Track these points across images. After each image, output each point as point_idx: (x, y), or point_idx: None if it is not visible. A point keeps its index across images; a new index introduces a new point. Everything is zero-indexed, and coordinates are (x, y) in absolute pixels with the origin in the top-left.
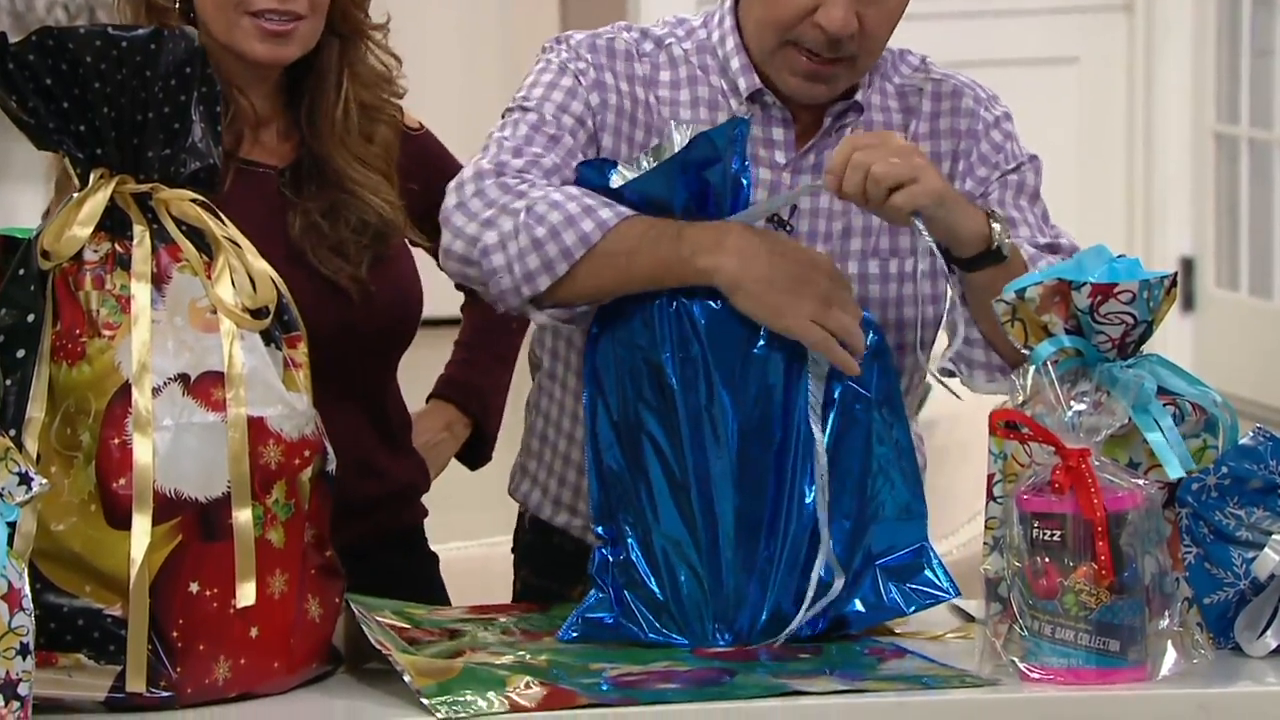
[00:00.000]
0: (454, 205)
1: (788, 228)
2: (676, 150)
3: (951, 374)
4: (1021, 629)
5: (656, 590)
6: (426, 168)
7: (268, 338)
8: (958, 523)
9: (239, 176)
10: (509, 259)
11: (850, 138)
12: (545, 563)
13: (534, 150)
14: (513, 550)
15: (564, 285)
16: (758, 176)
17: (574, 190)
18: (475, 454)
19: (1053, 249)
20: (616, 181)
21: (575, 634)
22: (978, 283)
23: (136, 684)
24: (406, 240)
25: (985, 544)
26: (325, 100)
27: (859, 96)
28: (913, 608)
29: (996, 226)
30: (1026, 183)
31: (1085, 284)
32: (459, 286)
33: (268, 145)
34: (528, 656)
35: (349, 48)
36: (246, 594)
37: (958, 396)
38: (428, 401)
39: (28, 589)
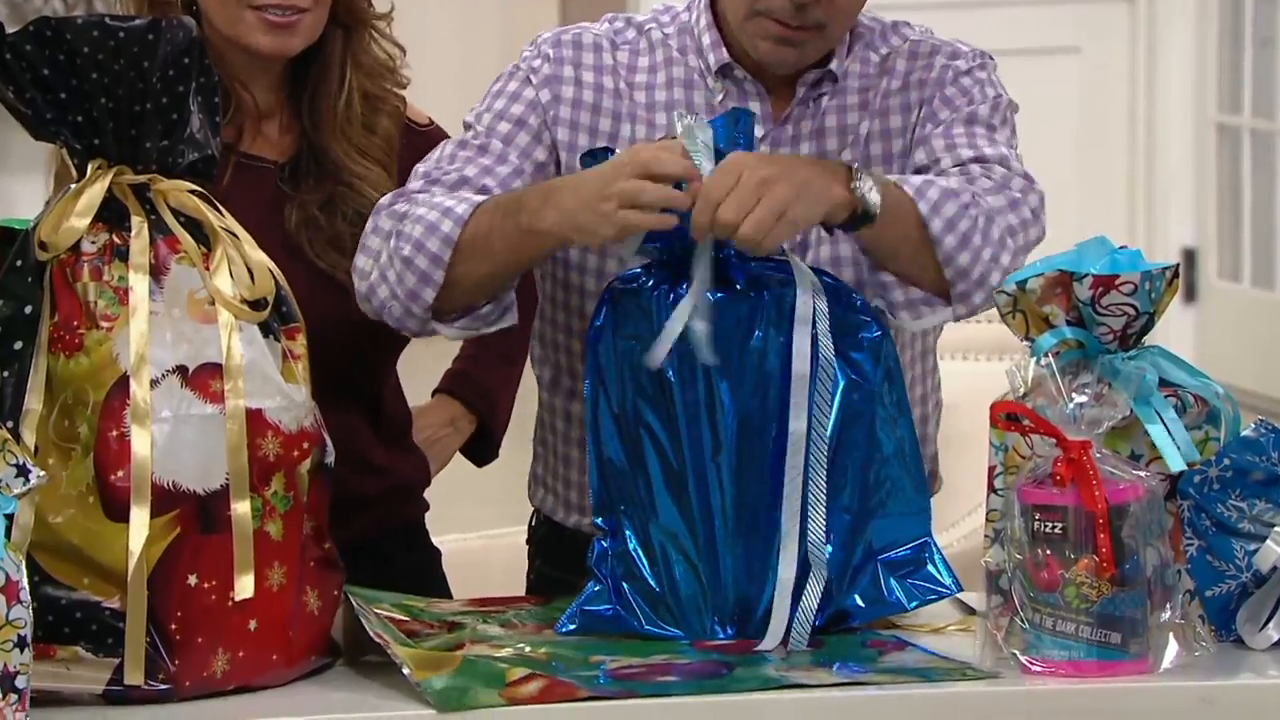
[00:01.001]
0: (359, 247)
1: None
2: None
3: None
4: (1023, 621)
5: (653, 583)
6: None
7: (266, 329)
8: (959, 515)
9: (238, 171)
10: (390, 287)
11: (702, 193)
12: (559, 554)
13: (451, 167)
14: (528, 542)
15: (450, 291)
16: None
17: (438, 197)
18: (481, 450)
19: (978, 160)
20: None
21: (573, 625)
22: (866, 238)
23: (135, 676)
24: None
25: (986, 536)
26: (328, 91)
27: (833, 66)
28: (914, 603)
29: (859, 185)
30: (978, 115)
31: (1087, 275)
32: None
33: (269, 139)
34: (527, 649)
35: (352, 38)
36: (245, 586)
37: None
38: (433, 396)
39: (25, 581)
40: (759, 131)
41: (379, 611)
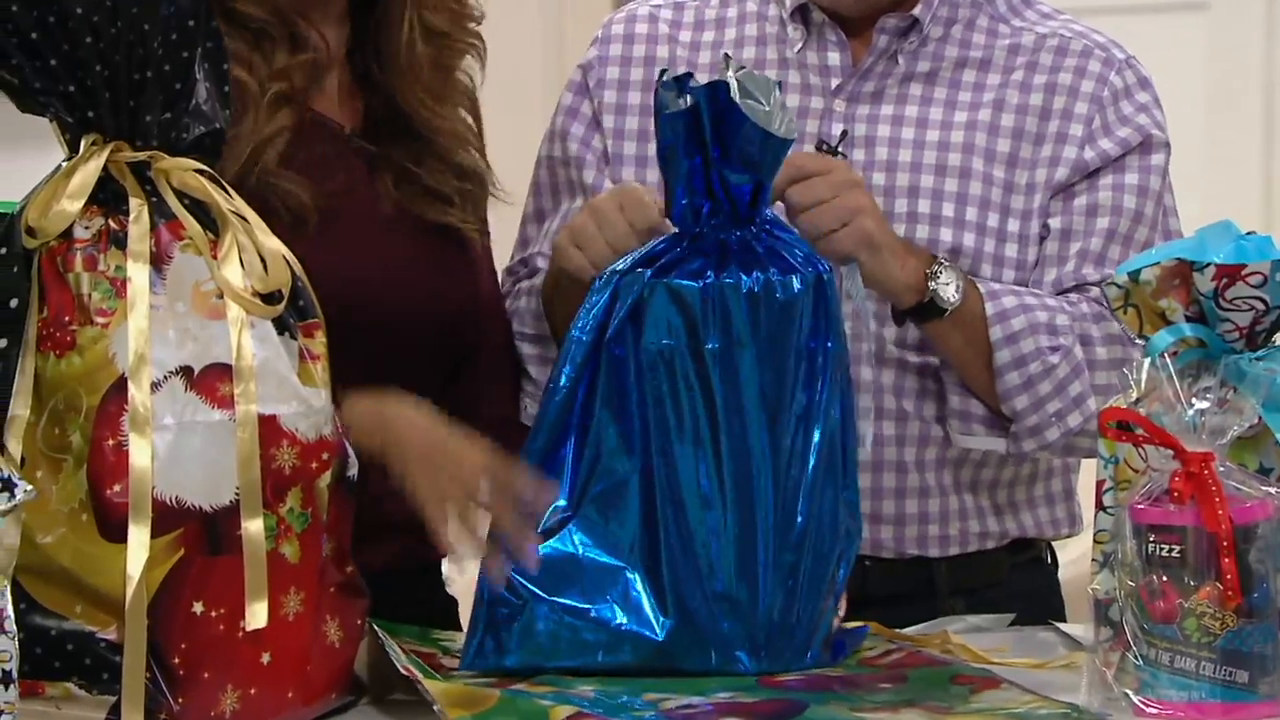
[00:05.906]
0: None
1: (840, 155)
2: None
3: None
4: (1136, 657)
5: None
6: None
7: (281, 326)
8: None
9: (313, 128)
10: None
11: (790, 161)
12: None
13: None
14: None
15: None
16: (810, 106)
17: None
18: None
19: (1079, 288)
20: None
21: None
22: (929, 335)
23: (133, 716)
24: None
25: (1094, 560)
26: (392, 23)
27: (917, 11)
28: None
29: (938, 281)
30: (1143, 213)
31: (1209, 265)
32: None
33: (330, 97)
34: (571, 686)
35: None
36: (257, 615)
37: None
38: None
39: (10, 609)
40: (834, 83)
41: (405, 645)
